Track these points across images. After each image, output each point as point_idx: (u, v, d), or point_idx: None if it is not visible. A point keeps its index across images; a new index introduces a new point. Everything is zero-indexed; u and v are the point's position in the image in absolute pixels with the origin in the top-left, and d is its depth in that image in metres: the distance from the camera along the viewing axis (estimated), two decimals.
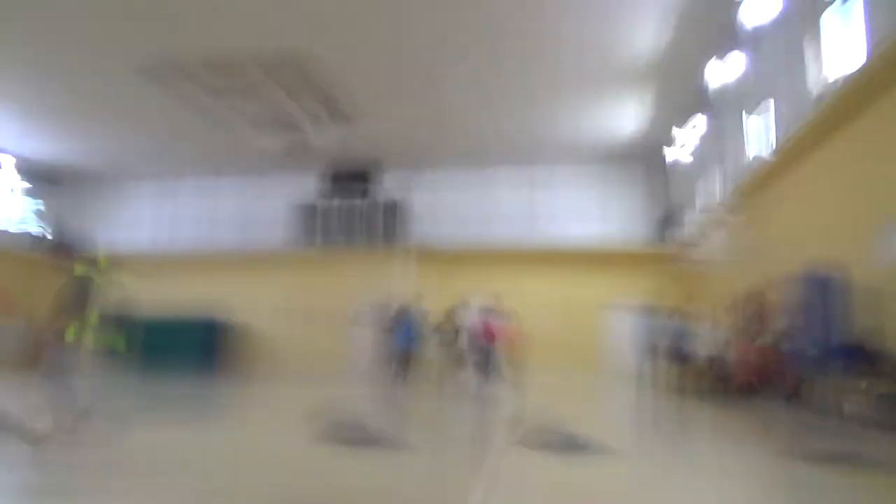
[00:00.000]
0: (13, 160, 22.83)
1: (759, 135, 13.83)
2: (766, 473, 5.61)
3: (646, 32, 13.81)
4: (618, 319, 22.11)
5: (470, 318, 13.75)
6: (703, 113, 17.31)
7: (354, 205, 24.09)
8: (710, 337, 17.06)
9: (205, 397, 13.64)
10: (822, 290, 9.17)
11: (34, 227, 25.29)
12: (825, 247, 10.70)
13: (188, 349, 22.53)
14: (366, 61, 15.05)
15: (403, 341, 13.09)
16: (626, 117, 18.93)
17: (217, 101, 16.95)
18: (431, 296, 21.74)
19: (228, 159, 22.96)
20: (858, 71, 8.76)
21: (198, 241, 24.03)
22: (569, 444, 6.43)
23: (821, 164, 11.04)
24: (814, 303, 9.12)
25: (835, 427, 8.50)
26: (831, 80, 10.41)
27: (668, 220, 20.87)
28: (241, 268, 23.77)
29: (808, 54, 10.93)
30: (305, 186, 24.23)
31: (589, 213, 22.51)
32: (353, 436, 6.80)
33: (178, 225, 24.80)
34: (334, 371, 22.28)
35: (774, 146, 11.70)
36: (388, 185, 23.82)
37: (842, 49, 10.11)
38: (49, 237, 25.03)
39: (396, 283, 21.66)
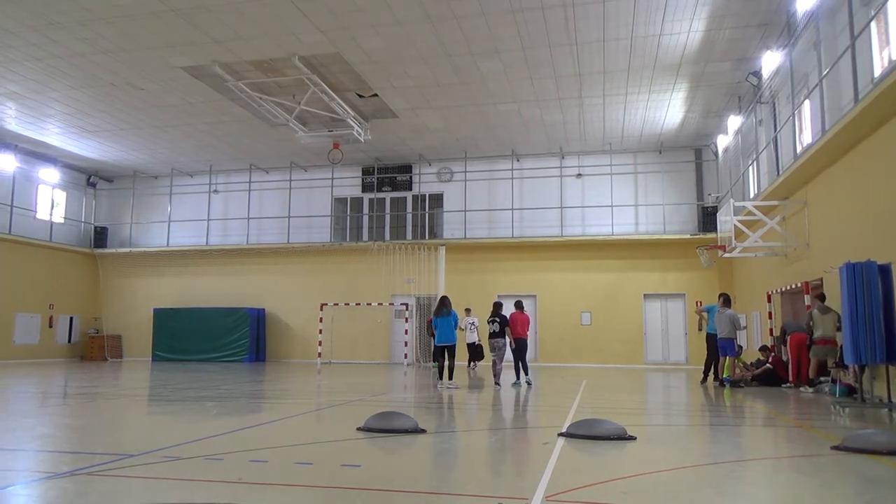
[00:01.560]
0: (61, 158, 23.77)
1: (810, 123, 13.55)
2: (820, 463, 5.60)
3: (694, 22, 13.62)
4: (662, 308, 21.94)
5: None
6: (752, 102, 17.00)
7: (395, 198, 24.43)
8: (758, 328, 16.81)
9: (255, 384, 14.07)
10: (874, 281, 8.98)
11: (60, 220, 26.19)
12: (876, 237, 10.48)
13: (236, 338, 23.26)
14: (407, 57, 15.21)
15: (444, 333, 13.22)
16: (672, 108, 18.68)
17: (264, 98, 17.36)
18: (470, 288, 22.01)
19: (275, 155, 23.47)
20: None
21: (245, 235, 24.67)
22: (613, 434, 6.49)
23: (873, 152, 10.79)
24: (867, 294, 8.94)
25: (893, 418, 8.35)
26: (890, 63, 10.15)
27: (713, 210, 20.54)
28: (287, 260, 24.35)
29: (862, 39, 10.66)
30: (349, 180, 24.65)
31: (634, 204, 22.32)
32: (397, 424, 6.97)
33: (227, 219, 25.46)
34: (377, 360, 22.68)
35: (825, 134, 11.45)
36: (427, 179, 24.05)
37: None
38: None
39: (438, 275, 21.87)
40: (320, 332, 21.64)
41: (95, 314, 25.71)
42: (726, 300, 14.25)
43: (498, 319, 13.34)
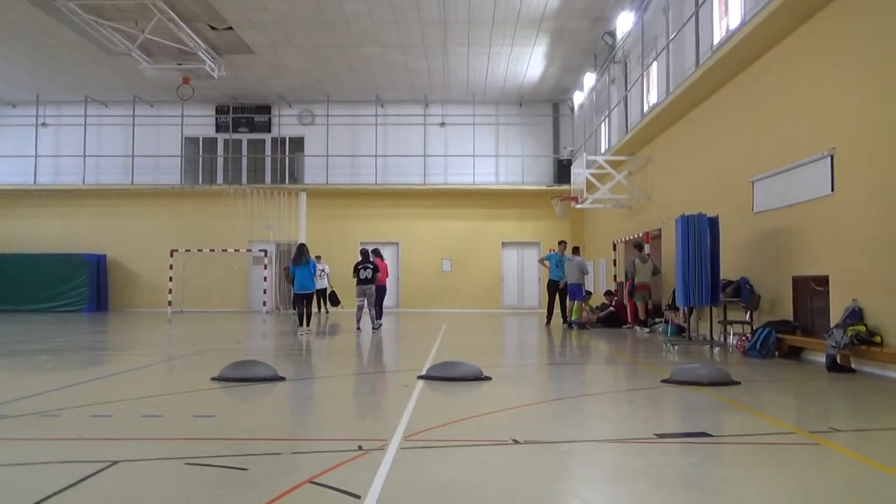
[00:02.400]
0: None
1: (657, 84, 14.47)
2: (651, 395, 6.19)
3: None
4: (518, 256, 22.95)
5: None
6: (607, 61, 17.81)
7: (252, 140, 23.28)
8: (604, 274, 18.04)
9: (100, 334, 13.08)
10: (703, 232, 9.91)
11: None
12: (707, 192, 11.54)
13: (73, 287, 21.46)
14: None
15: (303, 281, 13.07)
16: (533, 62, 19.13)
17: (101, 22, 15.60)
18: (332, 234, 21.75)
19: (115, 87, 21.36)
20: (741, 27, 9.30)
21: (82, 175, 22.45)
22: (470, 375, 6.75)
23: (708, 115, 11.77)
24: (697, 243, 9.84)
25: (713, 353, 9.39)
26: (727, 32, 11.00)
27: (568, 163, 21.56)
28: (131, 203, 22.56)
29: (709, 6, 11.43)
30: (201, 119, 23.07)
31: (495, 154, 22.86)
32: (254, 373, 6.80)
33: (59, 156, 23.01)
34: (234, 308, 21.92)
35: (668, 96, 12.29)
36: (287, 121, 23.11)
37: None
38: None
39: (298, 221, 21.31)
40: (170, 279, 20.41)
41: None
42: (575, 249, 15.28)
43: (371, 266, 13.49)
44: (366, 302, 13.51)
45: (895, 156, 6.85)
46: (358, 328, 13.48)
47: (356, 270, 13.45)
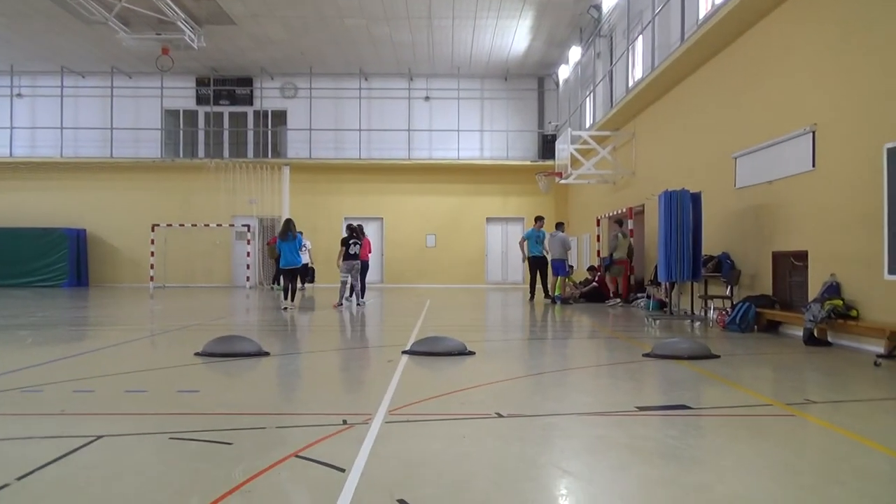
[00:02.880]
0: None
1: (642, 59, 14.42)
2: (632, 368, 6.27)
3: None
4: (503, 231, 23.00)
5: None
6: (592, 35, 17.70)
7: (234, 112, 22.95)
8: (587, 249, 18.15)
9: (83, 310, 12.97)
10: (686, 208, 9.97)
11: None
12: (690, 168, 11.60)
13: (53, 261, 21.20)
14: None
15: (290, 256, 13.05)
16: (519, 36, 18.97)
17: None
18: (316, 209, 21.61)
19: (92, 57, 20.89)
20: (726, 1, 9.26)
21: (59, 147, 22.04)
22: (454, 350, 6.79)
23: (692, 91, 11.77)
24: (680, 219, 9.91)
25: (694, 327, 9.52)
26: (713, 6, 10.95)
27: (553, 138, 21.53)
28: (110, 177, 22.22)
29: None
30: (181, 91, 22.68)
31: (479, 129, 22.76)
32: (238, 348, 6.80)
33: (35, 128, 22.55)
34: (217, 283, 21.80)
35: (653, 70, 12.26)
36: (270, 94, 22.79)
37: None
38: None
39: (282, 196, 21.16)
40: (152, 254, 20.22)
41: None
42: (558, 224, 15.41)
43: (360, 242, 13.55)
44: (350, 277, 13.54)
45: (876, 132, 6.91)
46: (340, 303, 13.51)
47: (346, 245, 13.41)
